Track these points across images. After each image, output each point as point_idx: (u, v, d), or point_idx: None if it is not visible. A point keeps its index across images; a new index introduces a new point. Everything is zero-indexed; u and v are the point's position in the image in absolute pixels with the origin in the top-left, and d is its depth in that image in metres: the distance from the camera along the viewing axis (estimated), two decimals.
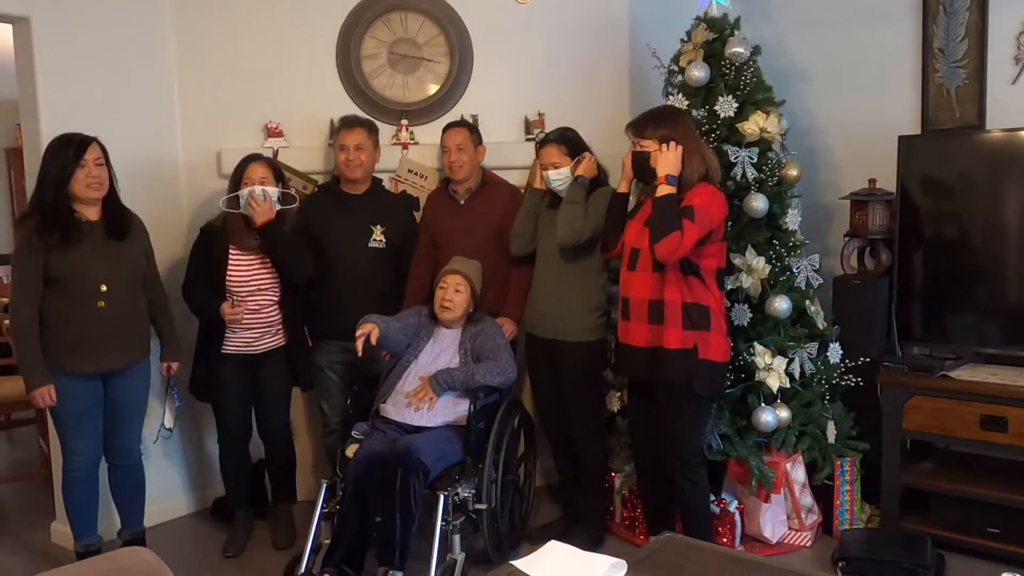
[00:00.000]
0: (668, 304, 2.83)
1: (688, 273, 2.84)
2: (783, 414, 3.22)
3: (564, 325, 3.25)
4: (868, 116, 3.76)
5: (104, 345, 2.97)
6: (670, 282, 2.83)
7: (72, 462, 3.04)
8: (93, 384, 3.01)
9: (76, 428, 3.01)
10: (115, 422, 3.10)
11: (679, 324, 2.83)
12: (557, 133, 3.31)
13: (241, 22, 3.72)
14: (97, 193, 2.95)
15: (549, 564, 1.92)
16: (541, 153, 3.30)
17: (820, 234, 3.86)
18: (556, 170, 3.23)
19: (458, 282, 3.22)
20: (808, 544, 3.34)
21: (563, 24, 3.86)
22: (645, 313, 2.88)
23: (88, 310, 2.92)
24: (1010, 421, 3.05)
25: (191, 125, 3.74)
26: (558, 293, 3.26)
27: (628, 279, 2.95)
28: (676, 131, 2.89)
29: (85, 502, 3.10)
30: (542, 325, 3.31)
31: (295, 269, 3.30)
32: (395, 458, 2.85)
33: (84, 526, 3.12)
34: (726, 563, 2.04)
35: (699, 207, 2.77)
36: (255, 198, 3.20)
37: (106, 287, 2.93)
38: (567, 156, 3.23)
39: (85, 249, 2.92)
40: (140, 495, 3.25)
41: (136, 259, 3.07)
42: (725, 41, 3.33)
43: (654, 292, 2.86)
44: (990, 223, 3.31)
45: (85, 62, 3.39)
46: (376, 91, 3.79)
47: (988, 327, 3.33)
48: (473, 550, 3.15)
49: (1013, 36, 3.43)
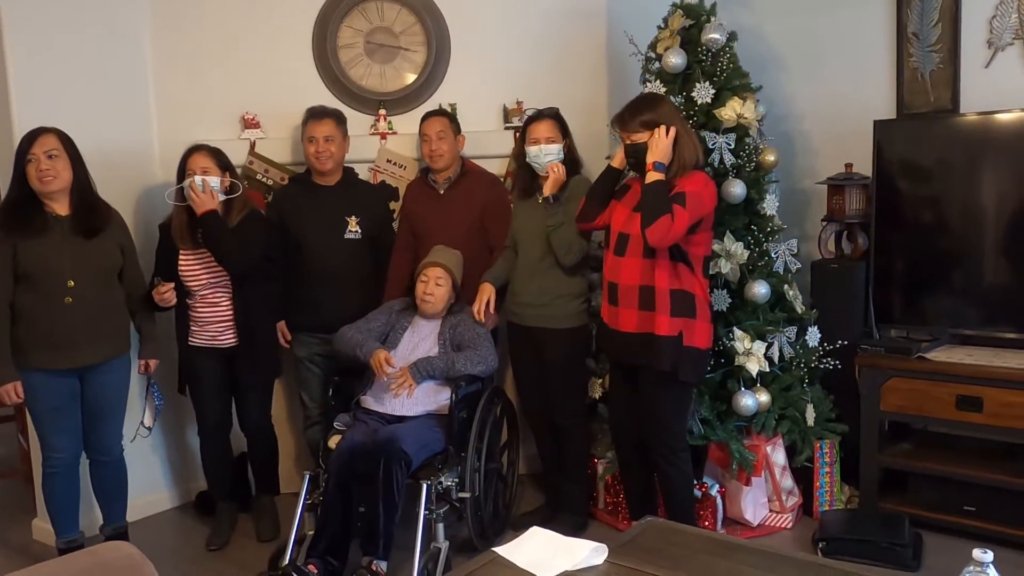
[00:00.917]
0: (658, 291, 2.83)
1: (677, 260, 2.84)
2: (763, 398, 3.25)
3: (547, 312, 3.25)
4: (844, 101, 3.79)
5: (75, 341, 2.92)
6: (660, 268, 2.83)
7: (51, 459, 3.01)
8: (68, 381, 2.97)
9: (53, 425, 2.98)
10: (94, 418, 3.07)
11: (668, 311, 2.83)
12: (552, 111, 3.29)
13: (217, 12, 3.68)
14: (50, 187, 2.88)
15: (531, 550, 1.93)
16: (534, 128, 3.24)
17: (798, 219, 3.88)
18: (550, 144, 3.20)
19: (439, 275, 3.22)
20: (789, 526, 3.37)
21: (540, 12, 3.85)
22: (635, 299, 2.86)
23: (56, 306, 2.88)
24: (985, 401, 3.10)
25: (167, 117, 3.70)
26: (540, 281, 3.25)
27: (616, 264, 2.92)
28: (661, 116, 2.87)
29: (65, 499, 3.08)
30: (525, 313, 3.30)
31: (229, 259, 3.16)
32: (377, 448, 2.85)
33: (65, 522, 3.10)
34: (708, 546, 2.06)
35: (691, 193, 2.77)
36: (194, 188, 3.13)
37: (73, 282, 2.89)
38: (560, 133, 3.23)
39: (52, 244, 2.88)
40: (122, 491, 3.23)
41: (109, 254, 3.02)
42: (701, 27, 3.34)
43: (644, 278, 2.84)
44: (965, 206, 3.34)
45: (58, 53, 3.34)
46: (353, 81, 3.77)
47: (963, 309, 3.37)
48: (457, 538, 3.16)
49: (985, 20, 3.46)
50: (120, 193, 3.54)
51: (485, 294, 3.27)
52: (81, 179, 2.97)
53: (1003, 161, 3.25)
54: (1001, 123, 3.24)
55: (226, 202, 3.22)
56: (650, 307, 2.84)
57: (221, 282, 3.25)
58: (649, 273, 2.84)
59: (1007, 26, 3.42)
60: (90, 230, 2.96)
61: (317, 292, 3.42)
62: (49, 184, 2.87)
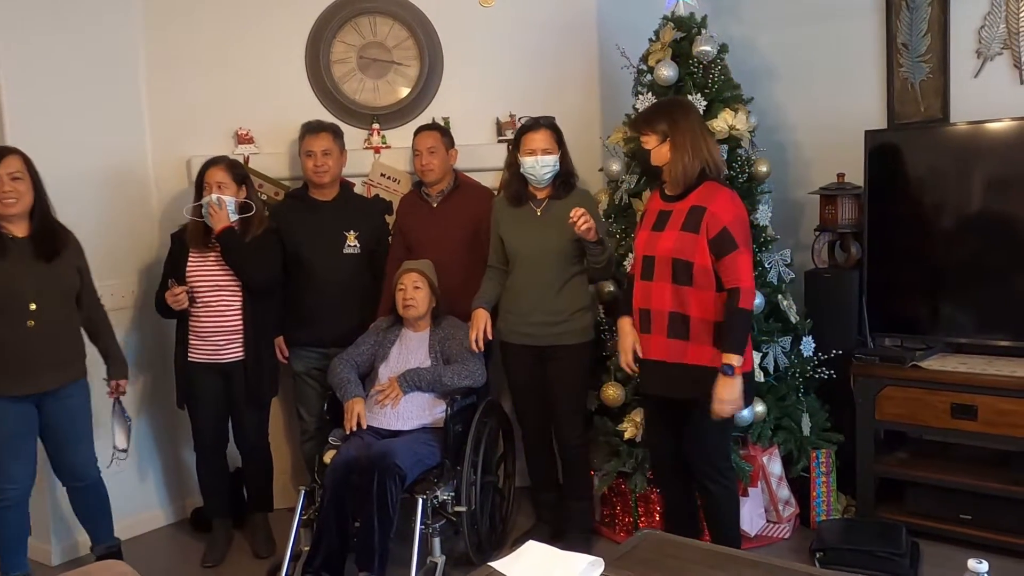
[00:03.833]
0: (700, 321, 2.65)
1: (720, 290, 2.65)
2: (759, 408, 3.25)
3: (566, 328, 3.13)
4: (835, 111, 3.81)
5: (37, 366, 2.84)
6: (704, 300, 2.64)
7: (4, 491, 2.86)
8: (26, 407, 2.87)
9: (11, 453, 2.86)
10: (60, 445, 2.98)
11: (710, 341, 2.65)
12: (549, 120, 3.18)
13: (210, 28, 3.69)
14: (11, 209, 2.82)
15: (527, 564, 1.93)
16: (529, 138, 3.09)
17: (791, 229, 3.90)
18: (546, 156, 3.08)
19: (415, 279, 3.22)
20: (786, 536, 3.37)
21: (533, 25, 3.86)
22: (665, 325, 2.69)
23: (19, 330, 2.81)
24: (979, 409, 3.10)
25: (160, 132, 3.71)
26: (554, 300, 3.13)
27: (646, 289, 2.74)
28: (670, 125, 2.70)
29: (14, 534, 2.94)
30: (539, 334, 3.14)
31: (252, 276, 3.23)
32: (371, 463, 2.84)
33: (13, 559, 2.94)
34: (705, 558, 2.06)
35: (731, 223, 2.60)
36: (212, 206, 3.17)
37: (35, 305, 2.83)
38: (556, 144, 3.12)
39: (12, 266, 2.82)
40: (105, 512, 3.14)
41: (69, 276, 2.95)
42: (692, 40, 3.36)
43: (675, 304, 2.67)
44: (957, 215, 3.36)
45: (50, 68, 3.35)
46: (347, 95, 3.78)
47: (957, 317, 3.38)
48: (454, 552, 3.15)
49: (974, 30, 3.49)
50: (113, 208, 3.56)
51: (481, 321, 3.15)
52: (41, 201, 2.90)
53: (994, 170, 3.27)
54: (991, 132, 3.26)
55: (245, 220, 3.24)
56: (683, 336, 2.67)
57: (227, 287, 3.26)
58: (679, 299, 2.66)
59: (995, 36, 3.45)
60: (50, 253, 2.89)
61: (316, 307, 3.42)
62: (11, 207, 2.82)
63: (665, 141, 2.70)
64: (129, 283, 3.63)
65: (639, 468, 3.28)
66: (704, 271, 2.63)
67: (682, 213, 2.69)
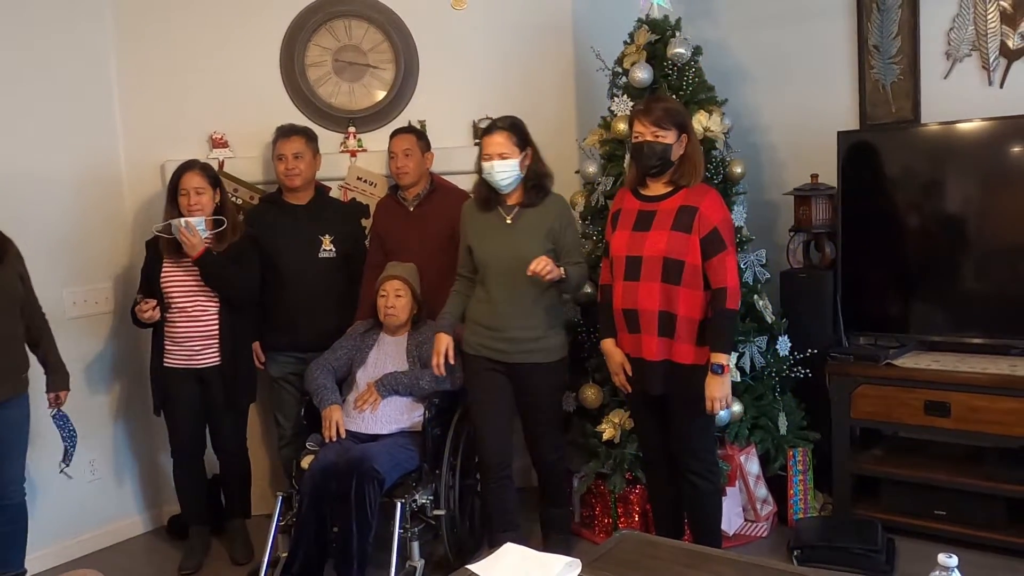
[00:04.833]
0: (686, 320, 2.69)
1: (706, 288, 2.70)
2: (736, 408, 3.26)
3: (539, 346, 2.97)
4: (808, 112, 3.84)
5: None
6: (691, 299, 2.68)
7: None
8: None
9: None
10: None
11: (692, 339, 2.70)
12: (507, 121, 2.97)
13: (183, 31, 3.67)
14: None
15: (505, 566, 1.93)
16: (486, 142, 2.93)
17: (766, 230, 3.92)
18: (503, 160, 2.89)
19: (397, 287, 3.21)
20: (764, 534, 3.39)
21: (508, 28, 3.87)
22: (655, 325, 2.70)
23: None
24: (952, 406, 3.14)
25: (134, 136, 3.67)
26: (527, 316, 2.96)
27: (631, 289, 2.73)
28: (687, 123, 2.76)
29: None
30: (511, 350, 2.97)
31: (236, 294, 3.22)
32: (349, 468, 2.83)
33: None
34: (683, 557, 2.07)
35: (720, 224, 2.67)
36: (183, 232, 3.09)
37: None
38: (516, 147, 2.92)
39: None
40: (20, 538, 2.94)
41: (12, 284, 2.84)
42: (667, 42, 3.38)
43: (663, 303, 2.69)
44: (928, 214, 3.41)
45: (23, 74, 3.31)
46: (322, 99, 3.77)
47: (930, 315, 3.43)
48: (433, 556, 3.14)
49: (943, 32, 3.54)
50: (86, 213, 3.52)
51: (442, 346, 2.98)
52: None
53: (964, 169, 3.31)
54: (961, 132, 3.31)
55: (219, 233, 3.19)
56: (671, 334, 2.70)
57: (205, 291, 3.22)
58: (668, 298, 2.68)
59: (964, 38, 3.50)
60: None
61: (292, 311, 3.40)
62: None
63: (681, 138, 2.73)
64: (103, 288, 3.59)
65: (617, 469, 3.28)
66: (694, 270, 2.68)
67: (670, 213, 2.71)
